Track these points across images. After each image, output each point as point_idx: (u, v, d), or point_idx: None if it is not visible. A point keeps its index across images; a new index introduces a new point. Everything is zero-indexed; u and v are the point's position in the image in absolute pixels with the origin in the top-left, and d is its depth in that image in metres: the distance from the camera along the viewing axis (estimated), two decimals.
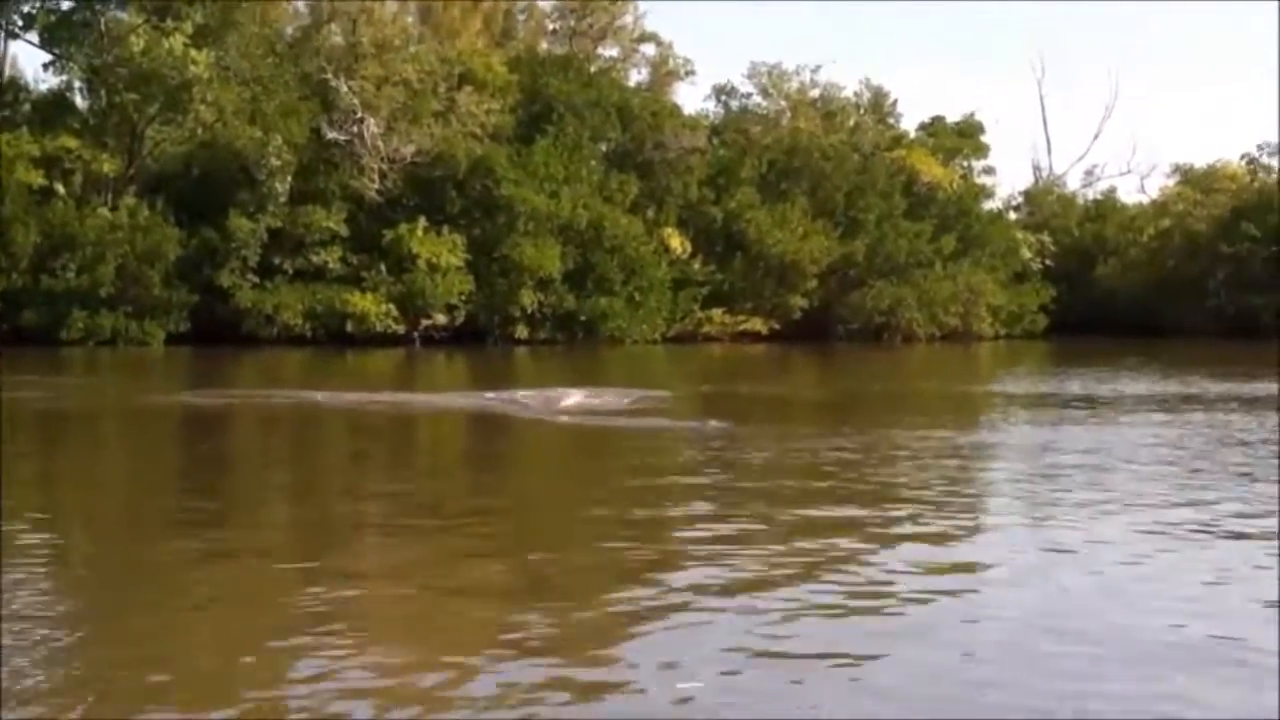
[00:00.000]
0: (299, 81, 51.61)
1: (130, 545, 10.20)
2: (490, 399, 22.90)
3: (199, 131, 49.52)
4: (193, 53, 46.87)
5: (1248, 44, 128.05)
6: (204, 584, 8.57)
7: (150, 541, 10.26)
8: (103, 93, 49.51)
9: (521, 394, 23.31)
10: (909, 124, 72.41)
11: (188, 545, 9.90)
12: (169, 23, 47.40)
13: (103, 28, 48.38)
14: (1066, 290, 71.01)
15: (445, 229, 50.07)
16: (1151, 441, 17.12)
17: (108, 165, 47.83)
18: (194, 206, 47.49)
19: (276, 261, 48.36)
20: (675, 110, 62.03)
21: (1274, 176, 71.90)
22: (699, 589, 8.21)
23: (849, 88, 70.71)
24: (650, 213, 56.23)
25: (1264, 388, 28.02)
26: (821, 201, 61.40)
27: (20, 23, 49.72)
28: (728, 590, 8.18)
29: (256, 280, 47.89)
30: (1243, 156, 73.71)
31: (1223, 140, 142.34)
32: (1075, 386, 29.07)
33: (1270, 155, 72.62)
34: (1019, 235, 72.48)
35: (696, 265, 57.42)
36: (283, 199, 48.11)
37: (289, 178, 48.13)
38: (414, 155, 50.70)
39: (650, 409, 21.39)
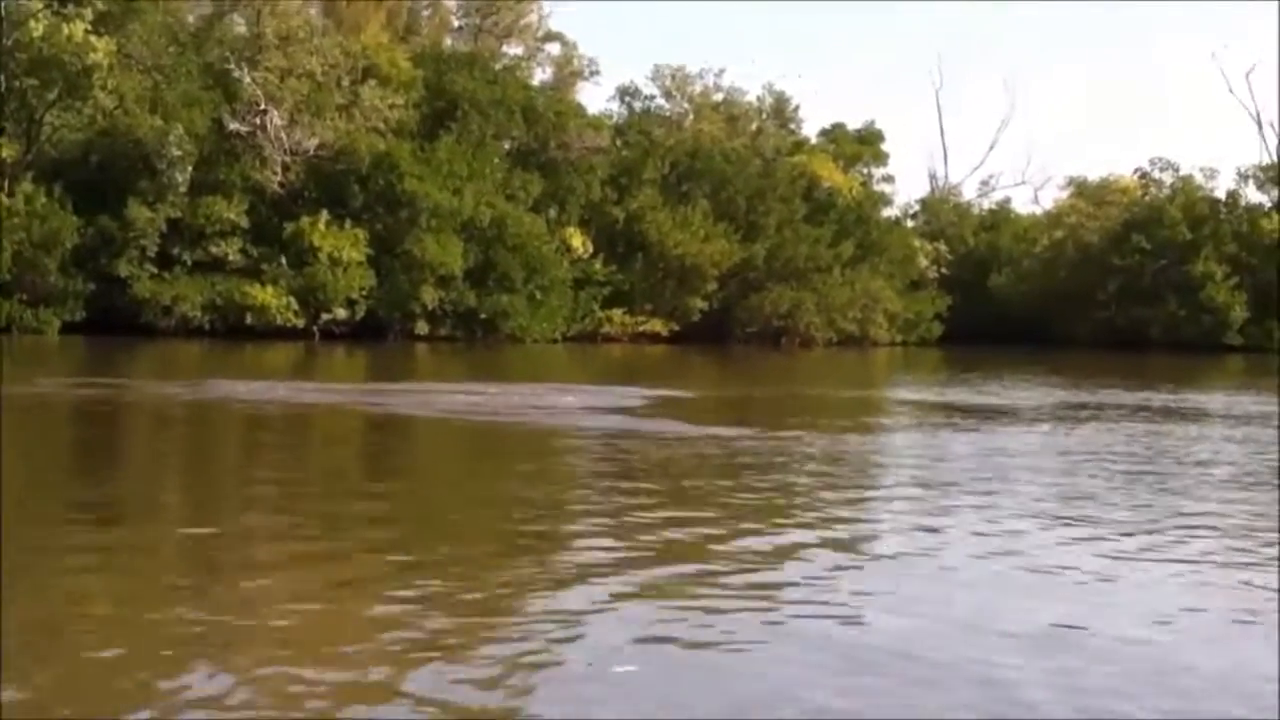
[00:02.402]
0: (201, 71, 51.30)
1: None
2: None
3: (99, 119, 48.98)
4: (93, 39, 46.43)
5: (1143, 59, 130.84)
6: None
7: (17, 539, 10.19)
8: (1, 77, 48.87)
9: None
10: (810, 130, 73.43)
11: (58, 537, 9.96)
12: (70, 8, 46.93)
13: (2, 12, 47.77)
14: (961, 299, 72.06)
15: (347, 223, 49.98)
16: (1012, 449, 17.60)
17: (5, 150, 47.18)
18: (92, 194, 46.98)
19: (176, 252, 48.03)
20: (579, 110, 62.37)
21: (1165, 191, 73.56)
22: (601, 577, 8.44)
23: (752, 92, 71.67)
24: (552, 212, 56.47)
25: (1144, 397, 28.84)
26: (723, 204, 61.90)
27: None
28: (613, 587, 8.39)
29: (155, 270, 47.54)
30: (1135, 170, 75.49)
31: (1116, 154, 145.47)
32: (964, 395, 29.71)
33: (1162, 170, 74.36)
34: (916, 243, 73.52)
35: (598, 265, 57.75)
36: (183, 189, 47.81)
37: (189, 168, 47.86)
38: (317, 148, 50.57)
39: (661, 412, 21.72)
